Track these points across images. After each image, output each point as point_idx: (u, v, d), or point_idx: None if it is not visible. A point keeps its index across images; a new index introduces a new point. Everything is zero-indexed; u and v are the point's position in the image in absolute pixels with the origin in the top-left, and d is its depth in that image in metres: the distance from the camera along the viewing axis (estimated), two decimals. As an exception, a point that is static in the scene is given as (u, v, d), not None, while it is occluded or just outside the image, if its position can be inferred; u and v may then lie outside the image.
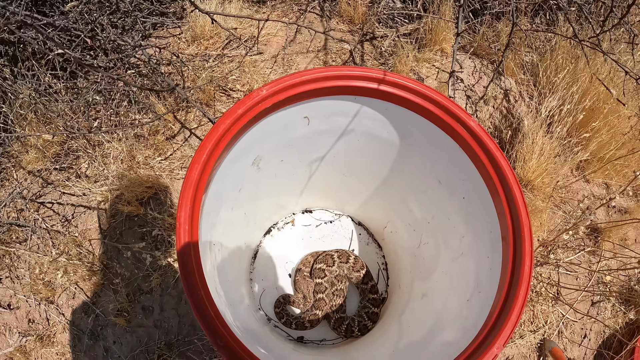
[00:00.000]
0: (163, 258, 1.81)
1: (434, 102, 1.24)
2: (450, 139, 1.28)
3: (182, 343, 1.79)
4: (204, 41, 2.21)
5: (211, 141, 1.05)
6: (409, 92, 1.24)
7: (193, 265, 0.95)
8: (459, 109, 1.24)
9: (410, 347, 1.35)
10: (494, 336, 1.05)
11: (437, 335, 1.29)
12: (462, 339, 1.13)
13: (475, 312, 1.20)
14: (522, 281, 1.10)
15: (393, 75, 1.23)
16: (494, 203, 1.23)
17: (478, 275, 1.28)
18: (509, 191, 1.18)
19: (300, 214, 1.83)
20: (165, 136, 2.03)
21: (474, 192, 1.30)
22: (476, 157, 1.24)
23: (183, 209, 0.99)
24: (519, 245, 1.14)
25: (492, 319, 1.10)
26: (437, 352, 1.20)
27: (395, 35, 2.17)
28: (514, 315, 1.07)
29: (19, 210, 2.06)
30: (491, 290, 1.18)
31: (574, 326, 2.09)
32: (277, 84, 1.14)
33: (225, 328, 0.93)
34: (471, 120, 1.23)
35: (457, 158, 1.29)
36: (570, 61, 2.18)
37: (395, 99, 1.25)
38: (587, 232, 2.15)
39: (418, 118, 1.29)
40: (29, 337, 1.99)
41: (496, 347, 1.03)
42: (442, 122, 1.25)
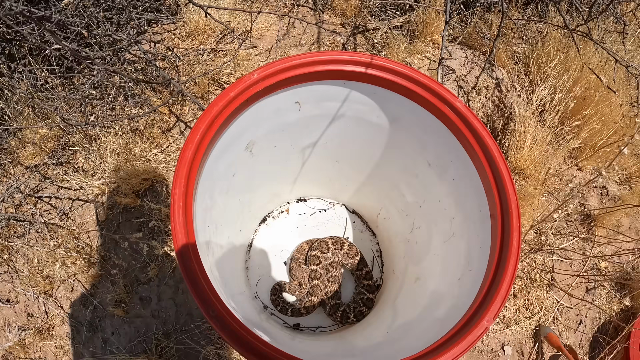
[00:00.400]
0: (160, 248, 1.85)
1: (421, 84, 1.27)
2: (438, 121, 1.32)
3: (180, 332, 1.82)
4: (198, 36, 2.25)
5: (204, 122, 1.09)
6: (396, 75, 1.27)
7: (186, 236, 0.98)
8: (445, 90, 1.28)
9: (403, 326, 1.38)
10: (483, 309, 1.09)
11: (430, 314, 1.32)
12: (454, 315, 1.16)
13: (466, 289, 1.23)
14: (511, 255, 1.13)
15: (380, 59, 1.27)
16: (482, 182, 1.27)
17: (469, 254, 1.31)
18: (496, 169, 1.22)
19: (295, 202, 1.86)
20: (161, 129, 2.07)
21: (463, 173, 1.34)
22: (463, 137, 1.28)
23: (177, 186, 1.02)
24: (507, 221, 1.18)
25: (482, 293, 1.14)
26: (429, 329, 1.23)
27: (387, 27, 2.21)
28: (503, 288, 1.10)
29: (17, 205, 2.10)
30: (481, 267, 1.22)
31: (569, 312, 2.12)
32: (267, 68, 1.18)
33: (218, 299, 0.96)
34: (457, 102, 1.27)
35: (445, 140, 1.33)
36: (561, 51, 2.22)
37: (383, 82, 1.29)
38: (581, 219, 2.18)
39: (406, 101, 1.33)
40: (27, 331, 2.01)
41: (486, 320, 1.07)
42: (429, 104, 1.29)
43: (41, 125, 1.88)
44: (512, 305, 2.01)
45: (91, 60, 1.63)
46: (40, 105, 1.99)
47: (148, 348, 1.83)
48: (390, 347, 1.30)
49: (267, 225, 1.82)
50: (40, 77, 2.02)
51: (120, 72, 1.68)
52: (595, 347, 2.14)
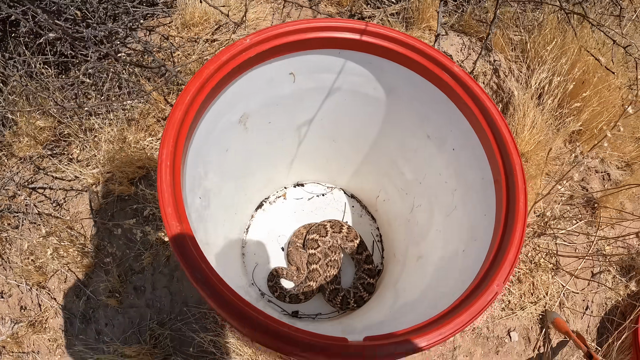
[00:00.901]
0: (154, 233, 1.78)
1: (417, 50, 1.22)
2: (436, 89, 1.26)
3: (175, 321, 1.74)
4: (193, 27, 2.22)
5: (195, 84, 1.04)
6: (391, 41, 1.23)
7: (173, 196, 0.92)
8: (442, 55, 1.23)
9: (405, 306, 1.31)
10: (492, 273, 1.02)
11: (434, 289, 1.25)
12: (460, 287, 1.09)
13: (472, 260, 1.16)
14: (518, 218, 1.07)
15: (375, 25, 1.22)
16: (484, 148, 1.21)
17: (472, 225, 1.24)
18: (498, 132, 1.16)
19: (292, 187, 1.80)
20: (156, 118, 2.02)
21: (463, 141, 1.28)
22: (462, 103, 1.22)
23: (165, 145, 0.96)
24: (512, 184, 1.11)
25: (489, 258, 1.07)
26: (433, 304, 1.16)
27: (383, 14, 2.18)
28: (512, 252, 1.03)
29: (11, 196, 2.04)
30: (487, 235, 1.15)
31: (575, 297, 2.03)
32: (260, 34, 1.14)
33: (206, 263, 0.89)
34: (455, 66, 1.22)
35: (444, 108, 1.28)
36: (558, 35, 2.18)
37: (378, 50, 1.24)
38: (584, 202, 2.11)
39: (402, 70, 1.28)
40: (20, 324, 1.94)
41: (496, 284, 0.99)
42: (426, 71, 1.24)
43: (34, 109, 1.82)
44: (517, 291, 1.93)
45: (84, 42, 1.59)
46: (34, 93, 1.94)
47: (142, 339, 1.75)
48: (392, 323, 1.23)
49: (263, 210, 1.75)
50: (35, 67, 1.98)
51: (113, 55, 1.64)
52: (603, 333, 2.05)
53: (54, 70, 2.03)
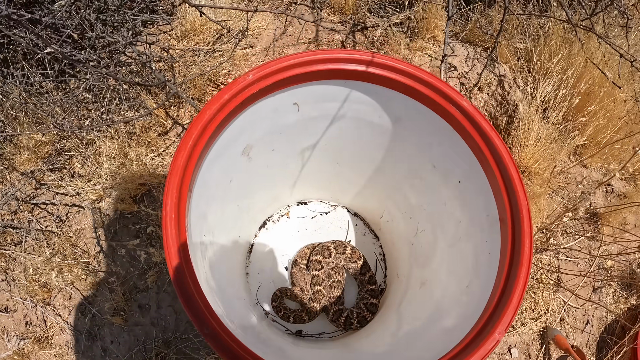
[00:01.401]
0: (158, 255, 1.76)
1: (425, 82, 1.18)
2: (443, 121, 1.23)
3: (180, 340, 1.74)
4: (194, 36, 2.16)
5: (197, 127, 1.00)
6: (398, 73, 1.18)
7: (180, 254, 0.90)
8: (451, 89, 1.19)
9: (409, 335, 1.30)
10: (495, 321, 1.00)
11: (437, 322, 1.24)
12: (463, 325, 1.08)
13: (475, 297, 1.14)
14: (522, 263, 1.05)
15: (381, 56, 1.17)
16: (490, 184, 1.18)
17: (477, 260, 1.22)
18: (505, 171, 1.13)
19: (295, 206, 1.78)
20: (158, 132, 1.98)
21: (470, 175, 1.25)
22: (470, 138, 1.19)
23: (169, 196, 0.94)
24: (518, 226, 1.09)
25: (492, 303, 1.05)
26: (436, 339, 1.15)
27: (387, 24, 2.12)
28: (515, 299, 1.02)
29: (13, 212, 2.01)
30: (490, 275, 1.13)
31: (576, 313, 2.03)
32: (263, 69, 1.09)
33: (213, 315, 0.88)
34: (464, 101, 1.18)
35: (451, 140, 1.24)
36: (564, 46, 2.12)
37: (384, 81, 1.20)
38: (587, 217, 2.09)
39: (409, 101, 1.24)
40: (26, 340, 1.93)
41: (497, 333, 0.98)
42: (433, 103, 1.20)
43: (34, 131, 1.79)
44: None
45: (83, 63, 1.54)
46: (34, 110, 1.90)
47: (148, 357, 1.75)
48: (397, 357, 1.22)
49: (267, 229, 1.73)
50: (34, 82, 1.93)
51: (113, 75, 1.59)
52: (603, 348, 2.05)
53: (52, 84, 1.98)
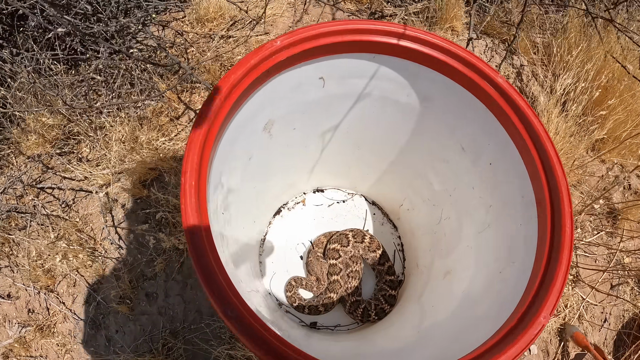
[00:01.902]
0: (167, 240, 1.67)
1: (458, 57, 1.11)
2: (476, 99, 1.15)
3: (188, 330, 1.65)
4: (207, 23, 2.09)
5: (222, 91, 0.92)
6: (432, 47, 1.11)
7: (200, 221, 0.81)
8: (485, 64, 1.11)
9: (434, 327, 1.21)
10: (538, 305, 0.92)
11: (467, 311, 1.15)
12: (500, 312, 0.99)
13: (510, 284, 1.06)
14: (564, 245, 0.97)
15: (414, 29, 1.10)
16: (526, 165, 1.10)
17: (510, 245, 1.14)
18: (543, 149, 1.05)
19: (312, 193, 1.69)
20: (169, 117, 1.90)
21: (502, 156, 1.17)
22: (504, 115, 1.11)
23: (189, 162, 0.85)
24: (558, 207, 1.01)
25: (533, 288, 0.96)
26: (468, 329, 1.06)
27: (405, 13, 2.05)
28: (559, 282, 0.93)
29: (19, 196, 1.92)
30: (527, 260, 1.04)
31: (594, 310, 1.94)
32: (292, 36, 1.02)
33: (238, 297, 0.79)
34: (498, 77, 1.11)
35: (483, 120, 1.16)
36: (583, 39, 2.06)
37: (416, 56, 1.13)
38: (606, 213, 2.01)
39: (441, 77, 1.16)
40: (28, 328, 1.84)
41: (543, 317, 0.90)
42: (467, 80, 1.13)
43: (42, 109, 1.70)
44: (538, 303, 1.84)
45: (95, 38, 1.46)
46: (43, 91, 1.82)
47: (154, 347, 1.65)
48: (423, 351, 1.13)
49: (281, 217, 1.65)
50: (43, 63, 1.85)
51: (125, 52, 1.51)
52: (620, 346, 1.96)
53: (63, 66, 1.90)
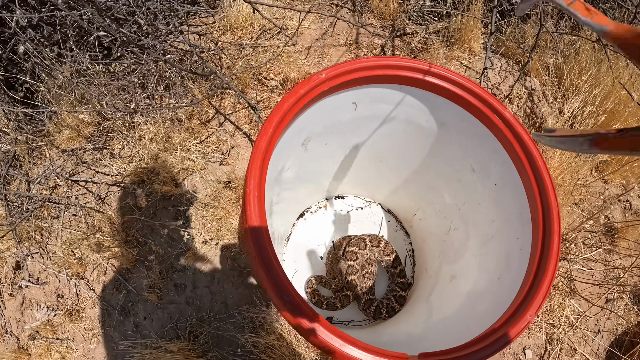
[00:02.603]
0: (197, 237, 1.99)
1: (473, 93, 1.44)
2: (485, 128, 1.48)
3: (214, 320, 1.97)
4: (237, 31, 2.40)
5: (277, 115, 1.24)
6: (451, 83, 1.44)
7: (261, 228, 1.13)
8: (495, 100, 1.44)
9: (442, 321, 1.54)
10: (526, 305, 1.25)
11: (470, 309, 1.48)
12: (495, 310, 1.33)
13: (506, 287, 1.39)
14: (551, 257, 1.30)
15: (437, 67, 1.43)
16: (525, 187, 1.43)
17: (508, 255, 1.47)
18: (539, 176, 1.38)
19: (333, 199, 2.02)
20: (200, 121, 2.22)
21: (506, 179, 1.50)
22: (509, 144, 1.44)
23: (252, 177, 1.17)
24: (548, 225, 1.34)
25: (524, 291, 1.30)
26: (471, 322, 1.39)
27: (425, 32, 2.38)
28: (544, 286, 1.27)
29: (52, 187, 2.24)
30: (521, 268, 1.38)
31: (588, 321, 2.29)
32: (335, 69, 1.34)
33: (291, 286, 1.11)
34: (506, 112, 1.44)
35: (491, 146, 1.49)
36: (593, 65, 2.39)
37: (437, 89, 1.46)
38: (604, 231, 2.36)
39: (457, 108, 1.49)
40: (57, 312, 2.15)
41: (529, 315, 1.23)
42: (479, 112, 1.45)
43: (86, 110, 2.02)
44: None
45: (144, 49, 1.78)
46: (83, 90, 2.13)
47: (181, 334, 1.98)
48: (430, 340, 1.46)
49: (304, 220, 1.97)
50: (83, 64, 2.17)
51: (171, 63, 1.83)
52: (611, 357, 2.31)
53: (101, 67, 2.22)
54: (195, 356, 1.91)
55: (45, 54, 2.14)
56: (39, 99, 2.25)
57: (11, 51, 2.24)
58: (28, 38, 1.99)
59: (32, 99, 2.32)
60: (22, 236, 2.16)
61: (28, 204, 2.16)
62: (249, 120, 2.22)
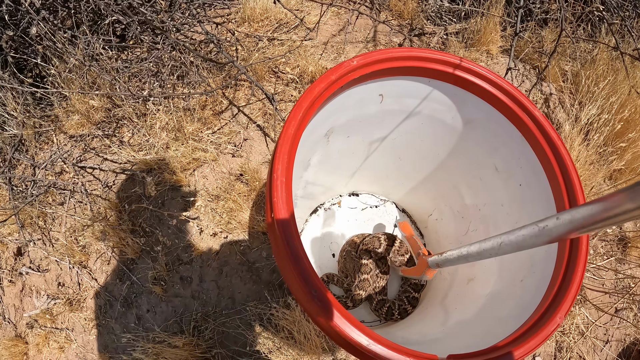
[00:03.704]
0: (206, 229, 1.92)
1: (504, 90, 1.39)
2: (514, 127, 1.43)
3: (220, 315, 1.90)
4: (254, 23, 2.35)
5: (307, 101, 1.18)
6: (482, 79, 1.39)
7: (288, 212, 1.07)
8: (525, 98, 1.39)
9: (460, 324, 1.48)
10: (555, 307, 1.19)
11: (490, 312, 1.42)
12: (521, 314, 1.27)
13: (531, 290, 1.34)
14: (580, 260, 1.24)
15: (469, 62, 1.38)
16: (552, 190, 1.38)
17: (532, 258, 1.42)
18: (569, 179, 1.33)
19: (347, 196, 1.96)
20: (213, 111, 2.15)
21: (532, 180, 1.45)
22: (538, 145, 1.39)
23: (280, 162, 1.11)
24: (578, 228, 1.29)
25: (551, 294, 1.24)
26: (493, 326, 1.33)
27: (444, 32, 2.34)
28: (573, 289, 1.21)
29: (58, 173, 2.16)
30: (546, 270, 1.32)
31: (597, 330, 2.24)
32: (367, 57, 1.28)
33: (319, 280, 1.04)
34: (536, 111, 1.39)
35: (518, 146, 1.44)
36: (610, 73, 2.36)
37: (467, 84, 1.40)
38: (617, 240, 2.31)
39: (485, 105, 1.44)
40: (57, 300, 2.07)
41: (559, 317, 1.17)
42: (509, 110, 1.40)
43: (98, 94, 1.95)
44: (546, 319, 2.13)
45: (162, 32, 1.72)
46: (95, 75, 2.06)
47: (185, 328, 1.90)
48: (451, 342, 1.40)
49: (317, 215, 1.91)
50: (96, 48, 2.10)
51: (189, 48, 1.77)
52: (619, 368, 2.26)
53: (114, 53, 2.15)
54: (200, 352, 1.84)
55: (58, 36, 2.07)
56: (49, 83, 2.17)
57: (23, 32, 2.17)
58: (42, 17, 1.92)
59: (42, 83, 2.24)
60: (25, 221, 2.08)
61: (33, 189, 2.08)
62: (263, 113, 2.16)
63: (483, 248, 1.09)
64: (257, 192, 2.02)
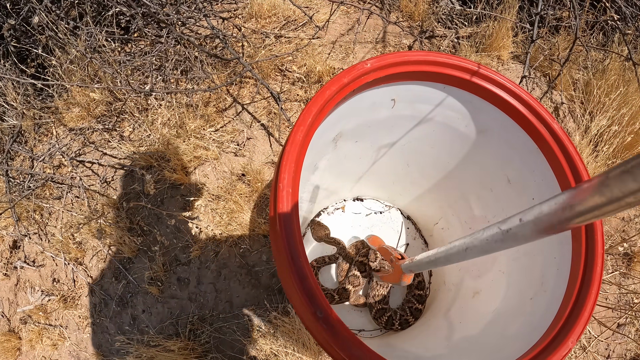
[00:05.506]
0: (205, 229, 1.84)
1: (521, 100, 1.30)
2: (530, 139, 1.35)
3: (217, 319, 1.82)
4: (261, 19, 2.25)
5: (317, 105, 1.10)
6: (499, 87, 1.30)
7: (295, 231, 0.99)
8: (544, 110, 1.31)
9: (465, 340, 1.40)
10: (567, 330, 1.11)
11: (498, 330, 1.35)
12: (531, 334, 1.19)
13: (541, 309, 1.26)
14: (594, 281, 1.17)
15: (487, 69, 1.29)
16: (569, 205, 1.30)
17: (543, 275, 1.34)
18: (588, 194, 1.25)
19: (351, 201, 1.88)
20: (217, 108, 2.06)
21: (546, 194, 1.36)
22: (555, 159, 1.30)
23: (286, 170, 1.03)
24: (591, 247, 1.21)
25: (564, 315, 1.16)
26: (504, 345, 1.25)
27: (454, 36, 2.25)
28: (587, 312, 1.13)
29: (56, 166, 2.07)
30: (558, 289, 1.24)
31: (599, 345, 2.17)
32: (381, 60, 1.20)
33: (324, 299, 0.96)
34: (554, 123, 1.30)
35: (533, 158, 1.36)
36: (621, 84, 2.28)
37: (483, 92, 1.32)
38: (622, 254, 2.24)
39: (501, 115, 1.35)
40: (52, 297, 1.99)
41: (571, 341, 1.10)
42: (526, 121, 1.32)
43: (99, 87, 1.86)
44: (548, 332, 2.05)
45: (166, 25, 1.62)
46: (96, 67, 1.97)
47: (181, 331, 1.82)
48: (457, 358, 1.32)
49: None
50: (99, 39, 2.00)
51: (194, 43, 1.67)
52: (620, 383, 2.19)
53: (117, 45, 2.05)
54: (195, 356, 1.76)
55: (61, 26, 1.97)
56: (50, 74, 2.08)
57: (24, 22, 2.07)
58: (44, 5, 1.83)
59: (43, 74, 2.15)
60: (21, 215, 1.99)
61: (30, 182, 2.00)
62: (268, 112, 2.07)
63: (449, 253, 1.01)
64: (259, 194, 1.93)
